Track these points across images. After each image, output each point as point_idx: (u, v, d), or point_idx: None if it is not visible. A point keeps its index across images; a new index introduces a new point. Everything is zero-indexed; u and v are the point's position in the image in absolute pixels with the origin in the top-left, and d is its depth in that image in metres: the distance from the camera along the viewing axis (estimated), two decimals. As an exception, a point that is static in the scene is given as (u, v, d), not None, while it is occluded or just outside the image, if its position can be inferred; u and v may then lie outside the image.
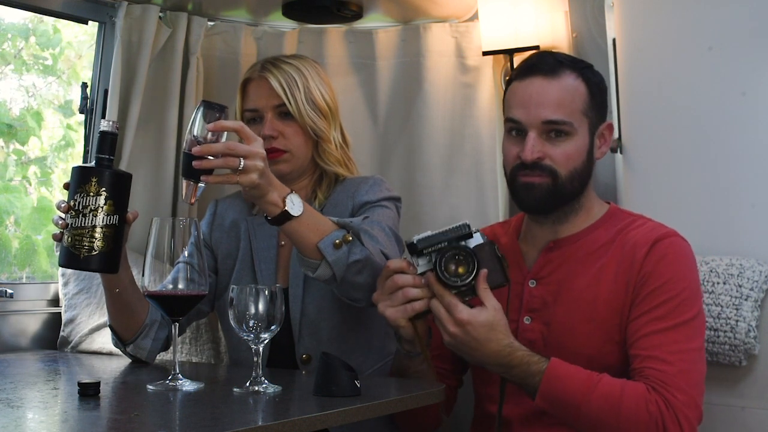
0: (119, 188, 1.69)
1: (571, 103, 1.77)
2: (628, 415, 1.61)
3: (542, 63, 1.79)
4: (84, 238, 1.65)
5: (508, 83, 1.86)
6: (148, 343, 1.96)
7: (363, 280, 1.80)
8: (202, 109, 1.62)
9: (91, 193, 1.65)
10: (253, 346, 1.61)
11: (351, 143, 2.18)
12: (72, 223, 1.65)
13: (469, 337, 1.65)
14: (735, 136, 2.17)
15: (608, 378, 1.65)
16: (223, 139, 1.63)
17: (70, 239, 1.66)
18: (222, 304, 2.11)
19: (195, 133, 1.61)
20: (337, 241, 1.76)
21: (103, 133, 1.69)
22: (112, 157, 1.69)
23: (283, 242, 2.09)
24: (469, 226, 1.71)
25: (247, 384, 1.59)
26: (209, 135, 1.61)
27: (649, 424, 1.60)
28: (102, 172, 1.66)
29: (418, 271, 1.70)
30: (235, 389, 1.59)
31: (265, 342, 1.61)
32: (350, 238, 1.77)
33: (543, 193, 1.77)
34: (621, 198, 2.38)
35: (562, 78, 1.77)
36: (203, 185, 1.63)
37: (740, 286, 1.96)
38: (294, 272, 2.03)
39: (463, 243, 1.69)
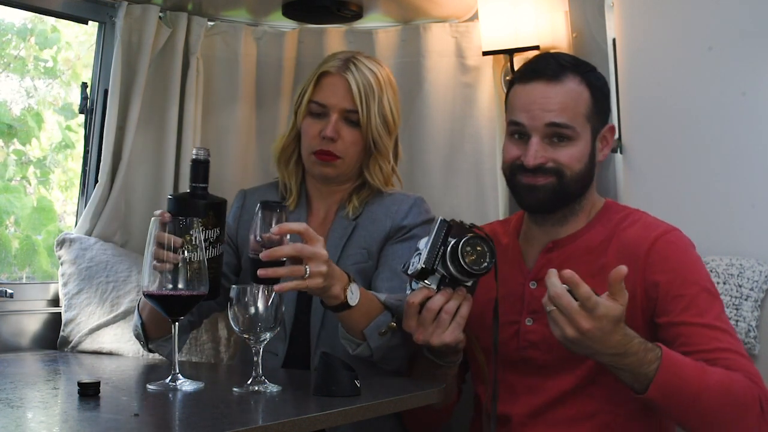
0: (223, 216, 1.73)
1: (575, 108, 1.76)
2: (744, 402, 1.60)
3: (545, 67, 1.78)
4: (210, 270, 1.65)
5: (510, 84, 1.86)
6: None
7: (396, 356, 1.84)
8: (260, 211, 1.64)
9: (210, 226, 1.69)
10: (253, 347, 1.61)
11: (402, 157, 2.16)
12: (195, 257, 1.61)
13: (601, 332, 1.57)
14: (735, 136, 2.17)
15: (709, 366, 1.62)
16: (287, 238, 1.64)
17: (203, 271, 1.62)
18: None
19: (257, 236, 1.63)
20: (383, 330, 1.77)
21: (195, 162, 1.70)
22: (206, 185, 1.72)
23: None
24: (444, 219, 1.71)
25: (247, 384, 1.59)
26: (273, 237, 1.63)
27: (757, 412, 1.60)
28: (219, 206, 1.71)
29: (435, 287, 1.70)
30: (235, 389, 1.59)
31: (265, 342, 1.61)
32: (394, 325, 1.78)
33: (547, 193, 1.77)
34: (621, 198, 2.37)
35: (565, 82, 1.77)
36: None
37: (740, 286, 1.96)
38: None
39: (449, 238, 1.69)
